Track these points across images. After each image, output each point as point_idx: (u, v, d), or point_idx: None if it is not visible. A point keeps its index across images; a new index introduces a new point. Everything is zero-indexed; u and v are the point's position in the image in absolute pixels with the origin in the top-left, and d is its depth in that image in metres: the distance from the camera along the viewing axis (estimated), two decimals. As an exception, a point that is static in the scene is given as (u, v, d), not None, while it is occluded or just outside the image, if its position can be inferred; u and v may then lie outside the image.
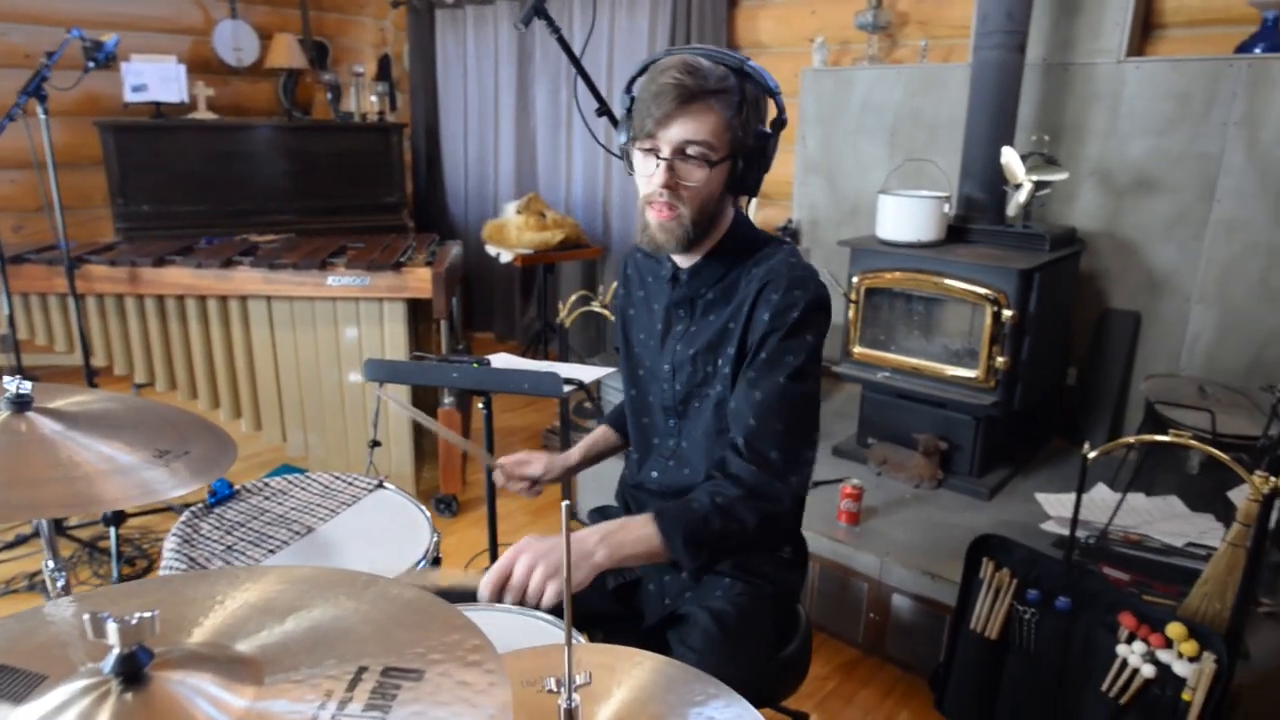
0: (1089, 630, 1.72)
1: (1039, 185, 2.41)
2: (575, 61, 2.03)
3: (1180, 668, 1.56)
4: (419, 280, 2.61)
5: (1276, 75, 2.38)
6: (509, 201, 4.37)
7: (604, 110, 2.05)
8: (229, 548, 1.34)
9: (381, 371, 1.82)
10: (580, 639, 1.08)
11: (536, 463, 1.53)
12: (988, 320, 2.32)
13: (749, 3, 3.66)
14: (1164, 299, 2.69)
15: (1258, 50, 2.44)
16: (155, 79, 4.09)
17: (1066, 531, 2.08)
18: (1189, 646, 1.56)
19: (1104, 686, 1.67)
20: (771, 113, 1.21)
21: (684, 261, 1.27)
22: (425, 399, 2.92)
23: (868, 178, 3.23)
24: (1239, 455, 1.66)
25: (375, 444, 2.27)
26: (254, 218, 4.09)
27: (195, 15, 4.47)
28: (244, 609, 0.71)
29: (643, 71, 1.23)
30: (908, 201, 2.48)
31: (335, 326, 2.71)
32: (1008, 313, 2.28)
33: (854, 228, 3.28)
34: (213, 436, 1.19)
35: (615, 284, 3.24)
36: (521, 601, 1.06)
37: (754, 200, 1.28)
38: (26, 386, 1.06)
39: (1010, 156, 2.41)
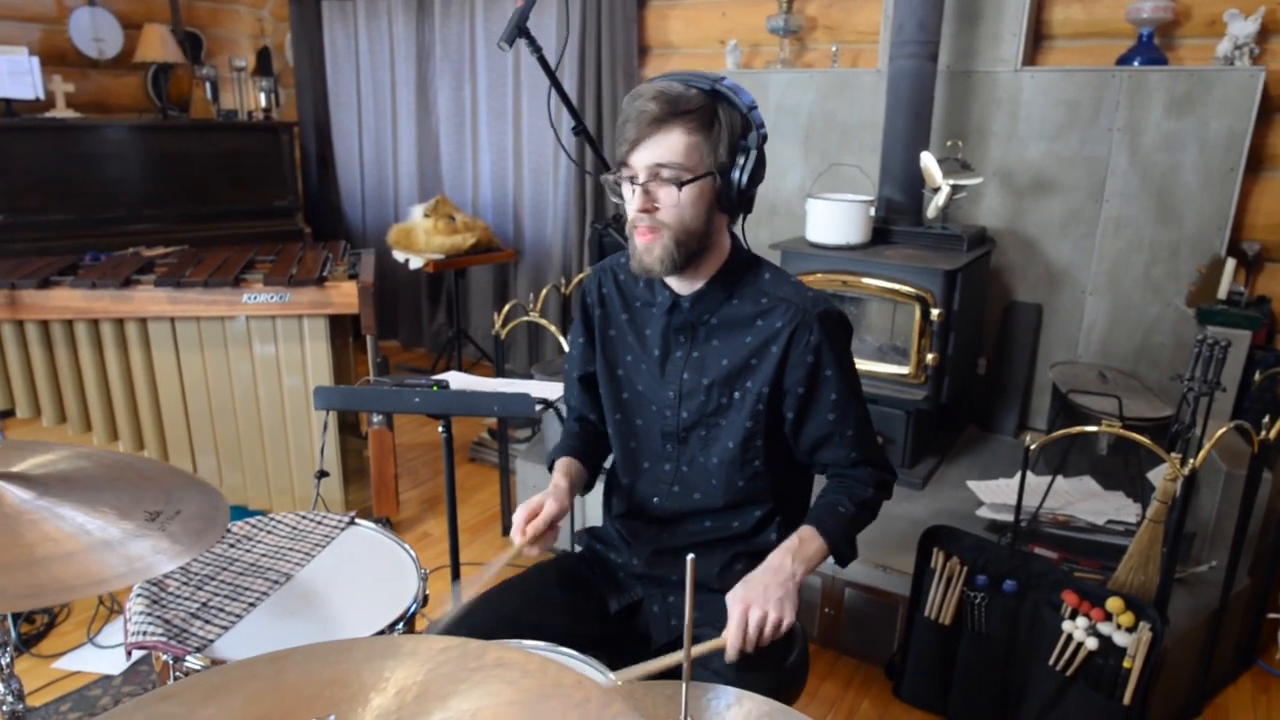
0: (1035, 609, 1.84)
1: (956, 188, 2.54)
2: (554, 80, 1.99)
3: (1120, 638, 1.69)
4: (344, 295, 2.47)
5: (1153, 86, 2.60)
6: (412, 204, 4.23)
7: (580, 129, 2.02)
8: (204, 604, 1.24)
9: (334, 399, 1.73)
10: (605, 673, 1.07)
11: (549, 504, 1.28)
12: (916, 318, 2.44)
13: (659, 3, 3.67)
14: (1062, 291, 2.90)
15: (1136, 63, 2.67)
16: (3, 73, 3.68)
17: (1000, 517, 2.23)
18: (1127, 618, 1.70)
19: (1051, 660, 1.79)
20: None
21: (683, 288, 1.27)
22: (344, 417, 2.78)
23: (784, 179, 3.32)
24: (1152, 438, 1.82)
25: (322, 474, 2.16)
26: (127, 226, 3.76)
27: (47, 1, 4.05)
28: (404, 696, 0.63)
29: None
30: (836, 205, 2.56)
31: (249, 347, 2.54)
32: (935, 311, 2.39)
33: (772, 228, 3.36)
34: (194, 488, 1.10)
35: (569, 295, 3.19)
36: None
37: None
38: None
39: (929, 161, 2.53)
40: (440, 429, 1.76)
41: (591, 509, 2.62)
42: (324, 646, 0.69)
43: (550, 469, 1.42)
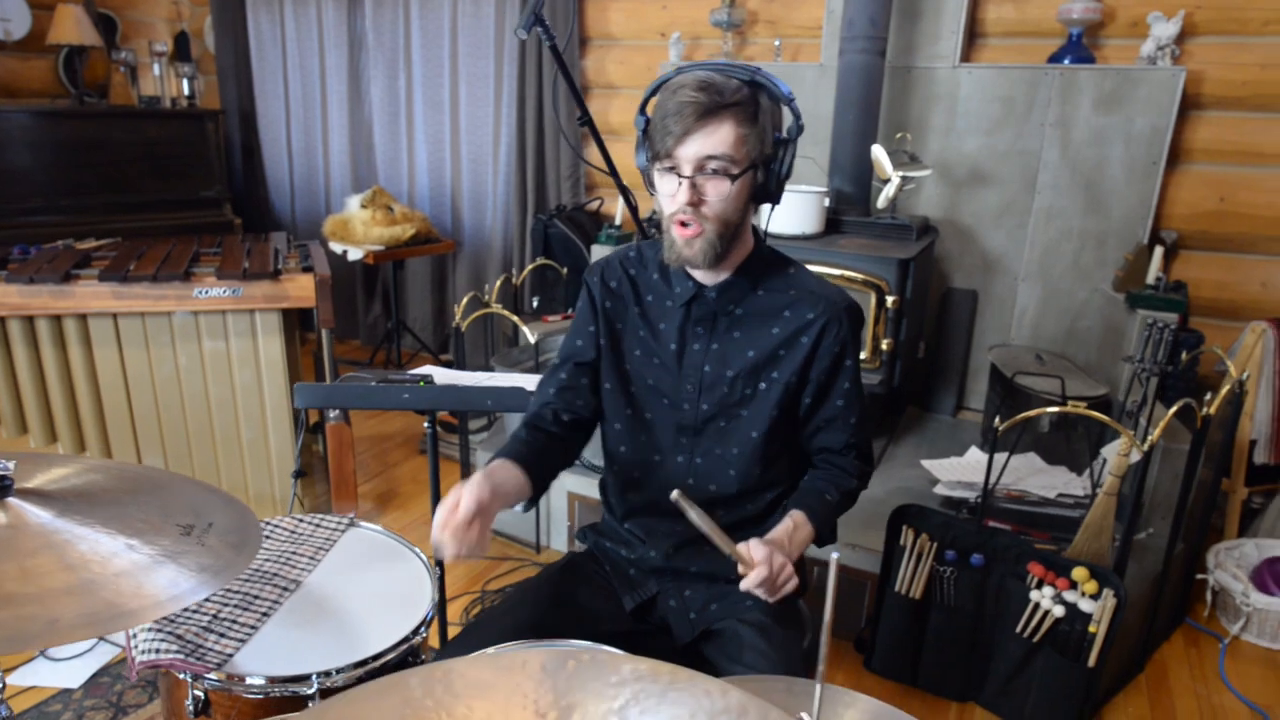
0: (1001, 581, 1.95)
1: (905, 180, 2.64)
2: (565, 72, 1.97)
3: (1085, 605, 1.82)
4: (301, 288, 2.40)
5: (1082, 83, 2.77)
6: (346, 195, 4.11)
7: (585, 119, 2.00)
8: (215, 616, 1.19)
9: (316, 397, 1.69)
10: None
11: (465, 498, 1.08)
12: (872, 306, 2.53)
13: (599, -6, 3.66)
14: (996, 278, 3.05)
15: (1066, 61, 2.82)
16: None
17: (956, 494, 2.34)
18: (1091, 586, 1.82)
19: (1018, 628, 1.91)
20: (788, 119, 1.22)
21: (709, 279, 1.28)
22: (295, 414, 2.70)
23: (730, 170, 3.36)
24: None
25: (300, 474, 2.09)
26: (43, 217, 3.53)
27: (-61, -22, 3.75)
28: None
29: (655, 92, 1.22)
30: (794, 196, 2.62)
31: (199, 343, 2.43)
32: (891, 298, 2.49)
33: (718, 218, 3.41)
34: (214, 497, 1.06)
35: (519, 287, 3.14)
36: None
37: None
38: (8, 465, 0.88)
39: (880, 153, 2.62)
40: (425, 424, 1.74)
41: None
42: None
43: None
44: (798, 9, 3.31)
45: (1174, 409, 1.84)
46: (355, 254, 3.69)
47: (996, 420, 1.91)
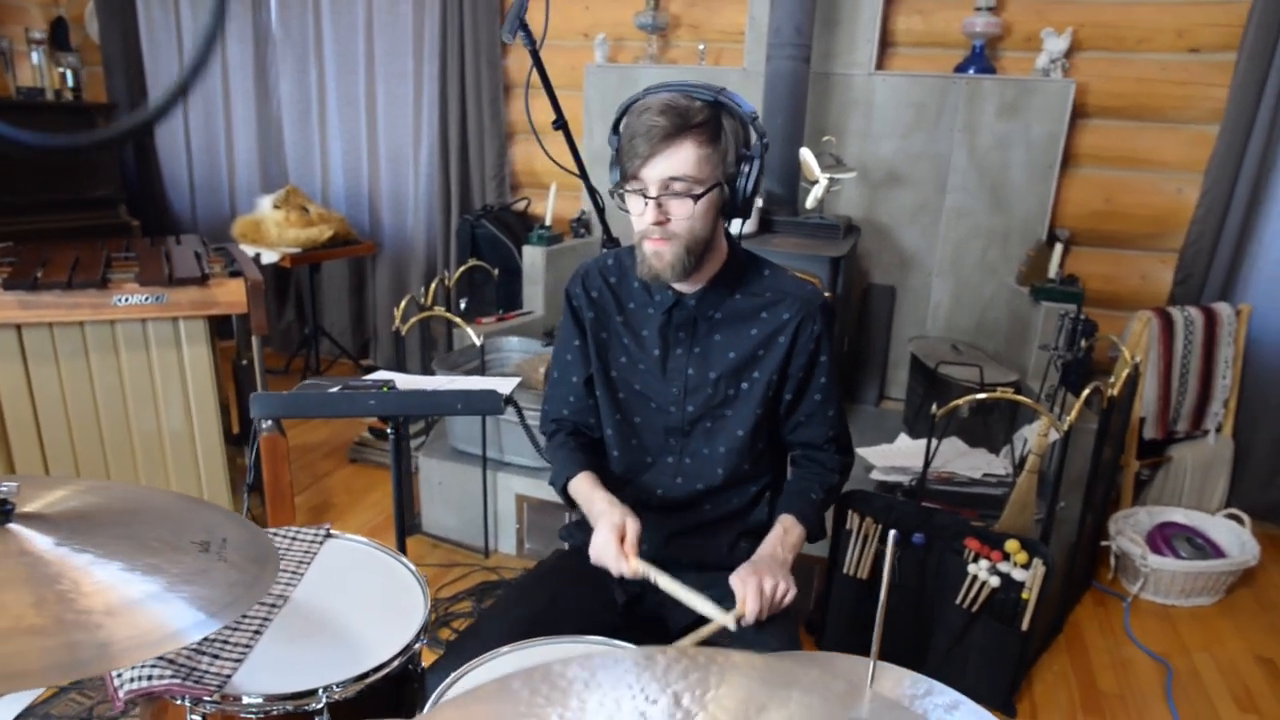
0: (941, 557, 2.09)
1: (833, 181, 2.76)
2: (544, 75, 1.96)
3: (1018, 574, 1.96)
4: (231, 294, 2.29)
5: (987, 92, 2.97)
6: (251, 194, 3.95)
7: (560, 123, 2.01)
8: (205, 638, 1.14)
9: (273, 406, 1.64)
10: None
11: (630, 523, 1.27)
12: (806, 303, 2.63)
13: (520, -7, 3.64)
14: (912, 274, 3.23)
15: (971, 71, 3.02)
16: None
17: (890, 478, 2.48)
18: (1022, 556, 1.97)
19: (958, 600, 2.04)
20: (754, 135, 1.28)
21: (687, 288, 1.32)
22: (227, 425, 2.58)
23: (656, 171, 3.42)
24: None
25: (252, 487, 2.00)
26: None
27: None
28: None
29: (625, 112, 1.26)
30: (728, 198, 2.70)
31: (116, 355, 2.29)
32: (825, 294, 2.60)
33: (645, 218, 3.46)
34: (215, 512, 1.03)
35: (452, 289, 3.09)
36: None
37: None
38: (8, 485, 0.83)
39: (808, 156, 2.73)
40: (389, 430, 1.71)
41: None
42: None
43: (563, 490, 1.40)
44: (719, 14, 3.40)
45: (1086, 391, 2.02)
46: (270, 256, 3.54)
47: (934, 407, 2.04)
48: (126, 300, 2.20)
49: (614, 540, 1.23)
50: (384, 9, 3.68)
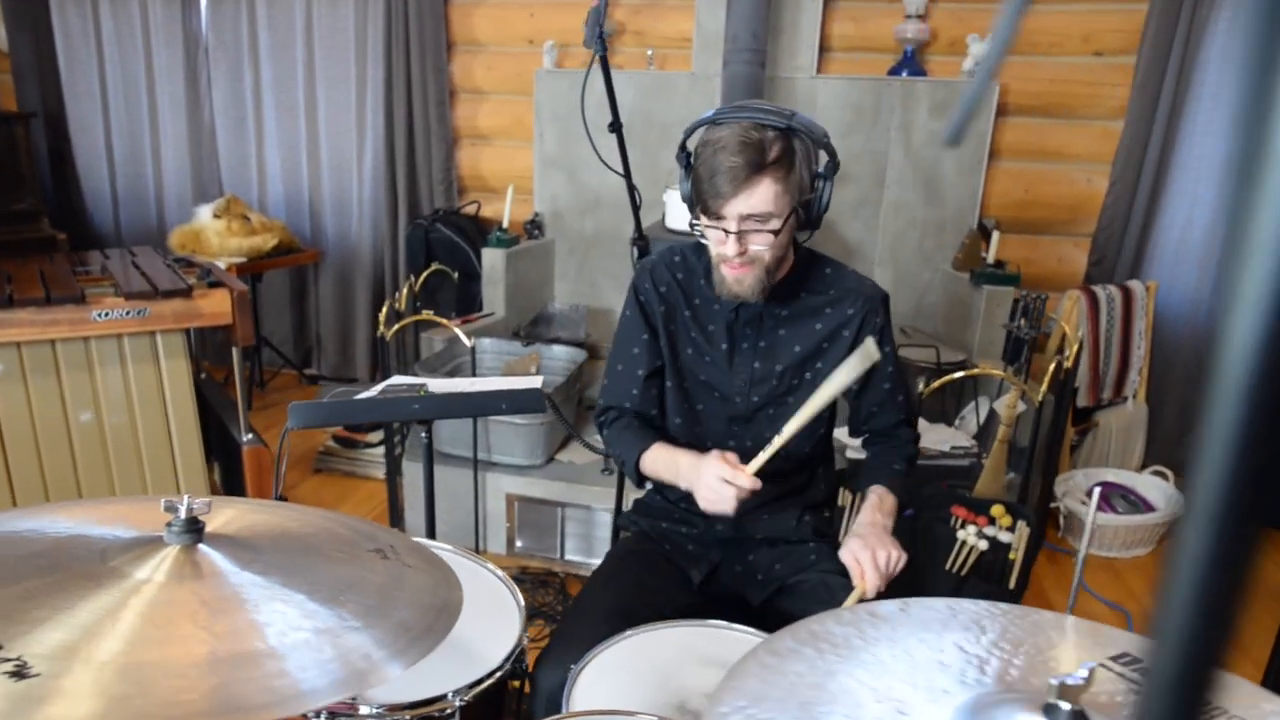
0: (929, 525, 2.26)
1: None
2: (608, 81, 1.99)
3: (1005, 537, 2.16)
4: (216, 305, 2.25)
5: (919, 93, 3.20)
6: (181, 204, 3.84)
7: (616, 126, 2.03)
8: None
9: (313, 416, 1.65)
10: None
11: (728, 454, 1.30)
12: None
13: (462, 1, 3.66)
14: (855, 264, 3.40)
15: (904, 74, 3.25)
16: None
17: (863, 457, 2.65)
18: (1006, 520, 2.16)
19: (948, 565, 2.22)
20: (824, 156, 1.33)
21: None
22: (207, 437, 2.52)
23: (607, 172, 3.51)
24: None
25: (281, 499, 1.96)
26: None
27: None
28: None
29: (696, 129, 1.32)
30: (695, 197, 2.82)
31: (90, 373, 2.21)
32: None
33: (598, 218, 3.56)
34: (362, 523, 1.06)
35: (418, 292, 3.07)
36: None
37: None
38: (202, 503, 0.83)
39: (766, 156, 2.88)
40: (422, 434, 1.74)
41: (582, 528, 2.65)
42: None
43: (635, 471, 1.45)
44: (664, 21, 3.52)
45: (1053, 364, 2.24)
46: (214, 268, 3.44)
47: (920, 384, 2.21)
48: (106, 315, 2.13)
49: (726, 465, 1.25)
50: (324, 12, 3.63)
